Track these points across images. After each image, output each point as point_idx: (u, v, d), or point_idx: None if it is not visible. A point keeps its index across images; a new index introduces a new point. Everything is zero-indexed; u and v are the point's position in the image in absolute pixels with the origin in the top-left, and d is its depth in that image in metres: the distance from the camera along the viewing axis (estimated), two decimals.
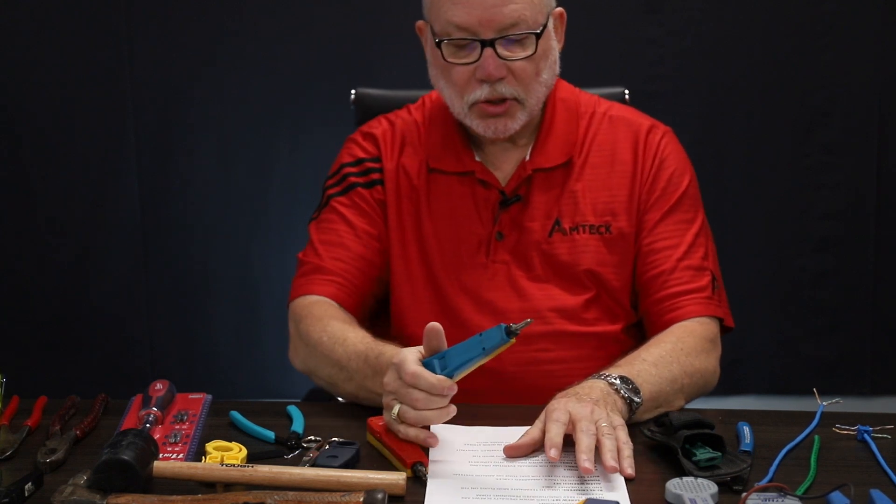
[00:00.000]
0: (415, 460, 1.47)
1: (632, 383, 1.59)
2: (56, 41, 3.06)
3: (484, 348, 1.44)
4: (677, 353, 1.71)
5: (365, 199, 1.90)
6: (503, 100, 1.77)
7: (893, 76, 3.09)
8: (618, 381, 1.58)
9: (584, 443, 1.44)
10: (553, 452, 1.43)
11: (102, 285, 3.17)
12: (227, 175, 3.14)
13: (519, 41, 1.75)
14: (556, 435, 1.45)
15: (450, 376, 1.47)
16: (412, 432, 1.50)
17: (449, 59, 1.77)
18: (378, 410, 1.59)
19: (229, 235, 3.17)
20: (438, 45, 1.77)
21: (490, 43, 1.73)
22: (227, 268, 3.19)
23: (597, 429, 1.46)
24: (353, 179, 1.91)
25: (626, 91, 2.17)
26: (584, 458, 1.42)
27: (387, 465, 1.51)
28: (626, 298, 1.87)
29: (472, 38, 1.74)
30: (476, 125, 1.81)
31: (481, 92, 1.76)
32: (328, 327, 1.77)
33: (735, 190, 3.13)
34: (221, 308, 3.21)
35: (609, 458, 1.43)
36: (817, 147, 3.12)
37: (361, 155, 1.93)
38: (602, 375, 1.60)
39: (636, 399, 1.58)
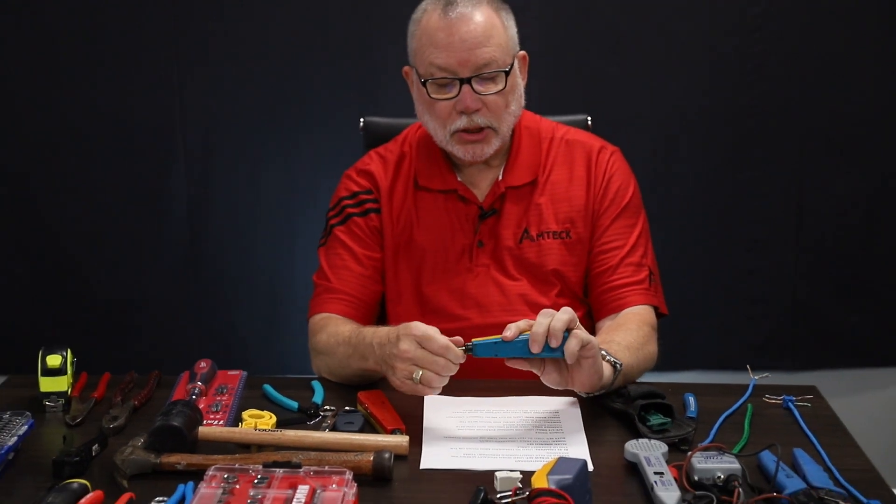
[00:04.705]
0: (394, 427, 1.48)
1: (611, 355, 1.59)
2: (113, 68, 3.02)
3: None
4: (641, 341, 1.72)
5: (360, 227, 1.91)
6: (480, 129, 1.79)
7: (811, 102, 3.08)
8: (602, 351, 1.57)
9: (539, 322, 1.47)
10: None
11: (157, 279, 3.16)
12: (258, 188, 3.13)
13: (491, 78, 1.77)
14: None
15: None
16: (435, 386, 1.49)
17: (433, 96, 1.78)
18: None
19: (262, 242, 3.16)
20: (424, 84, 1.77)
21: (467, 80, 1.75)
22: (260, 268, 3.18)
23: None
24: (349, 210, 1.92)
25: (589, 118, 2.18)
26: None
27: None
28: (581, 290, 1.90)
29: (452, 77, 1.75)
30: (457, 150, 1.83)
31: (460, 122, 1.78)
32: (328, 328, 1.79)
33: (682, 200, 3.12)
34: (256, 300, 3.20)
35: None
36: (749, 165, 3.11)
37: (356, 189, 1.94)
38: None
39: (618, 364, 1.57)
